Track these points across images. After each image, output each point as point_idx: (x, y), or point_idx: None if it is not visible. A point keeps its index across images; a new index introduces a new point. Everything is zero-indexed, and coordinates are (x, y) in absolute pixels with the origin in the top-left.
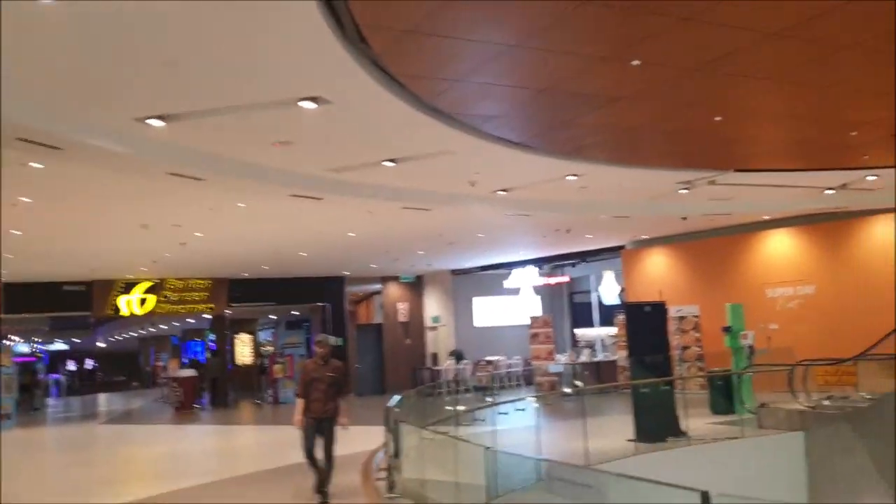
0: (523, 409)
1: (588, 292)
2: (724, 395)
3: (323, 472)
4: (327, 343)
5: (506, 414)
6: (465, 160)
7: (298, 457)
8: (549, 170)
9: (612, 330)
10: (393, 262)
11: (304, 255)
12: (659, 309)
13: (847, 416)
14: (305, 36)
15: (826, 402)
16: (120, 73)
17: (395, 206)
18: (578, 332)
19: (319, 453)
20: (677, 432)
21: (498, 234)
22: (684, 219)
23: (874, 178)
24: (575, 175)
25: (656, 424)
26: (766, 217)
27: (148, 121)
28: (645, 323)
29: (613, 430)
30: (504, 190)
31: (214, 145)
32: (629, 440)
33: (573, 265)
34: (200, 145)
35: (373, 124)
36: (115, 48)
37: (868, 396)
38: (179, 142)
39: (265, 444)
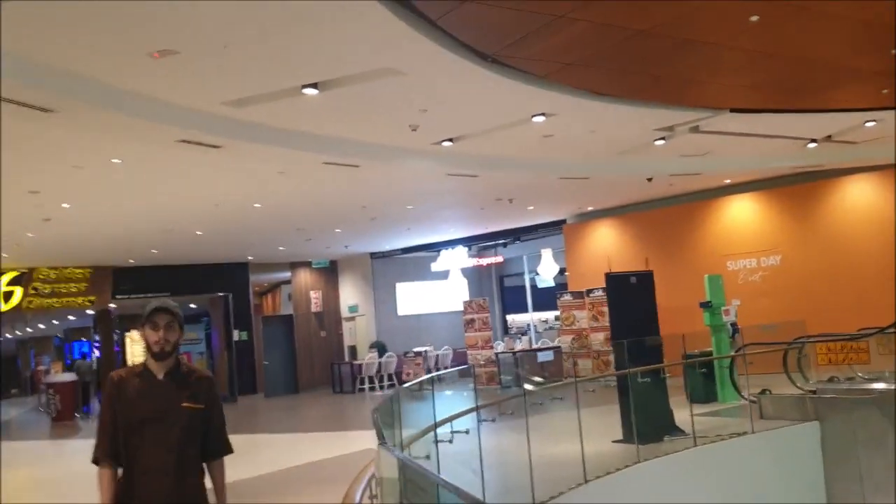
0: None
1: (520, 275)
2: (704, 382)
3: None
4: (172, 315)
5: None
6: (412, 88)
7: None
8: (514, 103)
9: (548, 315)
10: (304, 244)
11: (200, 233)
12: (647, 280)
13: (875, 400)
14: None
15: (831, 385)
16: None
17: (314, 160)
18: (510, 317)
19: None
20: (673, 429)
21: (430, 205)
22: (650, 180)
23: (873, 123)
24: (543, 115)
25: (650, 421)
26: (728, 181)
27: None
28: (630, 298)
29: (590, 429)
30: (450, 140)
31: (67, 62)
32: (616, 441)
33: (504, 245)
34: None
35: (288, 20)
36: None
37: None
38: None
39: None
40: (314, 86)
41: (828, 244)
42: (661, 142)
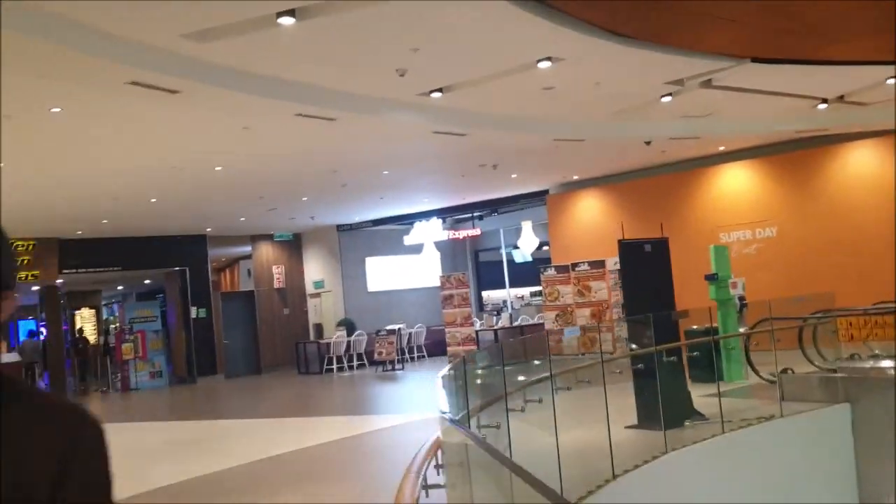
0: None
1: (497, 249)
2: (706, 360)
3: None
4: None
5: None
6: (404, 19)
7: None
8: (520, 43)
9: (524, 291)
10: (267, 215)
11: (154, 201)
12: (661, 248)
13: None
14: None
15: (854, 364)
16: None
17: (286, 111)
18: (486, 294)
19: None
20: (693, 413)
21: (408, 171)
22: (648, 143)
23: (894, 80)
24: (549, 60)
25: (669, 405)
26: (722, 148)
27: None
28: (644, 268)
29: (593, 413)
30: (440, 90)
31: None
32: (629, 427)
33: (480, 218)
34: None
35: None
36: None
37: None
38: None
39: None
40: (291, 13)
41: (827, 214)
42: (668, 98)
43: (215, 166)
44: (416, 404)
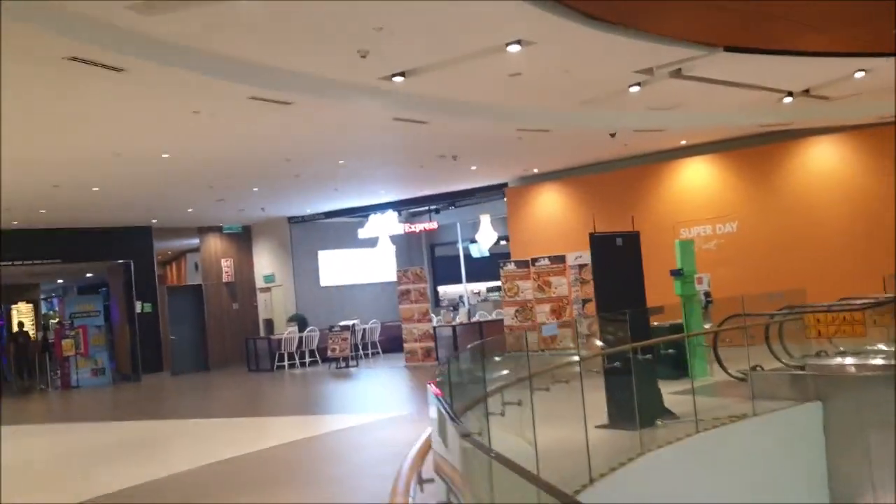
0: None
1: (453, 244)
2: (673, 358)
3: None
4: None
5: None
6: None
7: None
8: (490, 23)
9: (481, 286)
10: (215, 207)
11: (97, 190)
12: (633, 242)
13: (885, 378)
14: None
15: (822, 361)
16: None
17: (239, 94)
18: (442, 289)
19: None
20: (664, 412)
21: (365, 161)
22: (613, 135)
23: (862, 74)
24: (519, 43)
25: (641, 403)
26: (684, 142)
27: None
28: (616, 263)
29: (562, 410)
30: (402, 74)
31: None
32: (600, 426)
33: (437, 212)
34: None
35: None
36: None
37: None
38: None
39: (53, 456)
40: None
41: (788, 210)
42: (636, 88)
43: (162, 153)
44: (373, 403)
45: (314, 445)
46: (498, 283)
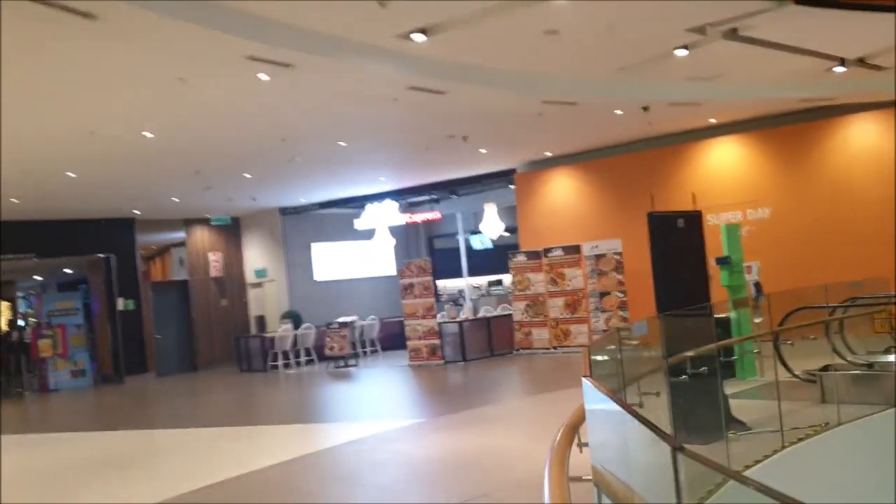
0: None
1: (453, 235)
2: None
3: None
4: None
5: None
6: None
7: None
8: None
9: (482, 280)
10: (203, 195)
11: (73, 176)
12: (694, 222)
13: None
14: None
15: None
16: None
17: (234, 52)
18: (441, 283)
19: None
20: (734, 421)
21: (367, 141)
22: (646, 109)
23: None
24: None
25: (711, 413)
26: (712, 121)
27: None
28: (676, 249)
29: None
30: (423, 32)
31: None
32: None
33: (437, 202)
34: None
35: None
36: None
37: None
38: None
39: (38, 470)
40: None
41: (825, 193)
42: (682, 52)
43: (142, 131)
44: (382, 408)
45: (321, 462)
46: (499, 277)
